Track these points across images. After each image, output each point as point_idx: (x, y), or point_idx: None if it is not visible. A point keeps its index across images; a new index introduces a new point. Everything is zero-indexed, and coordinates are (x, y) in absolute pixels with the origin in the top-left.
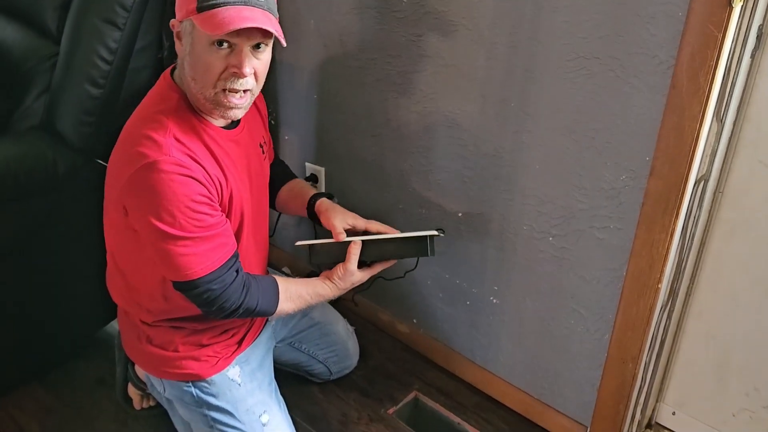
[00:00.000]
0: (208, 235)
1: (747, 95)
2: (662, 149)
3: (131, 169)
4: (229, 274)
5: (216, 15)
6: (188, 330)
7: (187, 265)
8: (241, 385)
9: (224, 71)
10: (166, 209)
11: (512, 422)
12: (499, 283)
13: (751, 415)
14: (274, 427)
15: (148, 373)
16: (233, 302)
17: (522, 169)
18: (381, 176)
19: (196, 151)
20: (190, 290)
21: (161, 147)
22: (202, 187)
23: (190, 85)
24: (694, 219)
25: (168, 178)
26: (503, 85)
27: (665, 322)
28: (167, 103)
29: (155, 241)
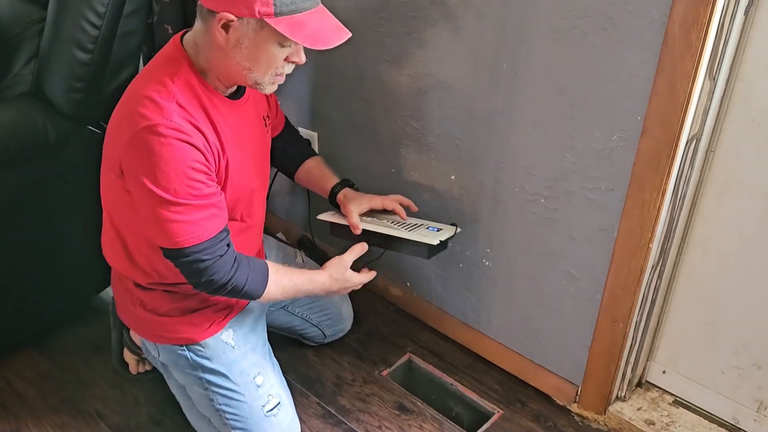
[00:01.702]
0: (202, 204)
1: (740, 53)
2: (654, 108)
3: (131, 130)
4: (220, 246)
5: (304, 24)
6: (181, 294)
7: (178, 232)
8: (234, 347)
9: (284, 61)
10: (162, 173)
11: (504, 382)
12: (491, 246)
13: (740, 373)
14: (268, 388)
15: (142, 338)
16: (222, 276)
17: (514, 131)
18: (374, 140)
19: (197, 118)
20: (178, 258)
21: (163, 110)
22: (200, 154)
23: (234, 70)
24: (686, 179)
25: (167, 142)
26: (495, 46)
27: (656, 282)
28: (174, 67)
29: (149, 204)
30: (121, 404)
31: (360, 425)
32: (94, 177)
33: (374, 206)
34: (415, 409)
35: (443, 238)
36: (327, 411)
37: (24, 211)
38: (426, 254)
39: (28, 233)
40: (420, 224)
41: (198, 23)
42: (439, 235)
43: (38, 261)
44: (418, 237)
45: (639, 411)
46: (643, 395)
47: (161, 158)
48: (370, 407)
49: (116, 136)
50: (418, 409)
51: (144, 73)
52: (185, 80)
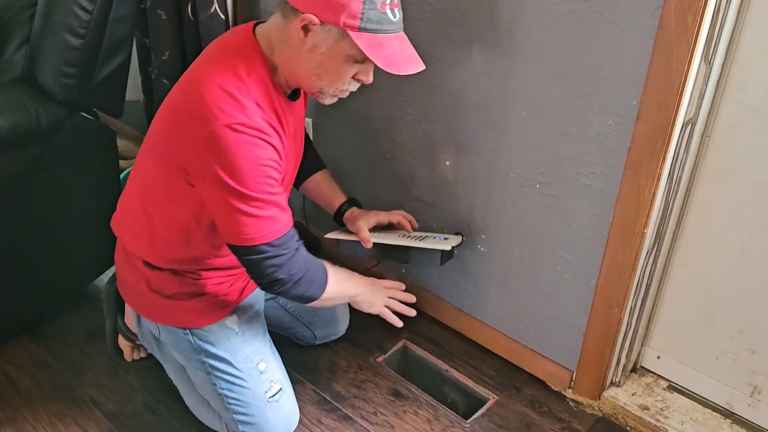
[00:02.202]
0: (275, 200)
1: (736, 37)
2: (650, 92)
3: (211, 125)
4: (294, 242)
5: (383, 46)
6: (189, 278)
7: (254, 228)
8: (238, 333)
9: (353, 77)
10: (243, 171)
11: (500, 368)
12: (486, 232)
13: (734, 358)
14: (270, 374)
15: (143, 317)
16: (290, 274)
17: (509, 116)
18: (369, 127)
19: (272, 119)
20: (251, 255)
21: (245, 109)
22: (276, 153)
23: (303, 75)
24: (681, 163)
25: (249, 140)
26: (490, 30)
27: (651, 268)
28: (249, 61)
29: (224, 200)
30: (116, 391)
31: (355, 411)
32: (87, 163)
33: (381, 221)
34: (410, 395)
35: (454, 245)
36: (322, 397)
37: (16, 199)
38: (439, 261)
39: (21, 220)
40: (426, 235)
41: (277, 18)
42: (449, 242)
43: (32, 248)
44: (430, 245)
45: (633, 396)
46: (638, 380)
47: (242, 156)
48: (365, 393)
49: (186, 128)
50: (413, 395)
51: (213, 60)
52: (260, 78)
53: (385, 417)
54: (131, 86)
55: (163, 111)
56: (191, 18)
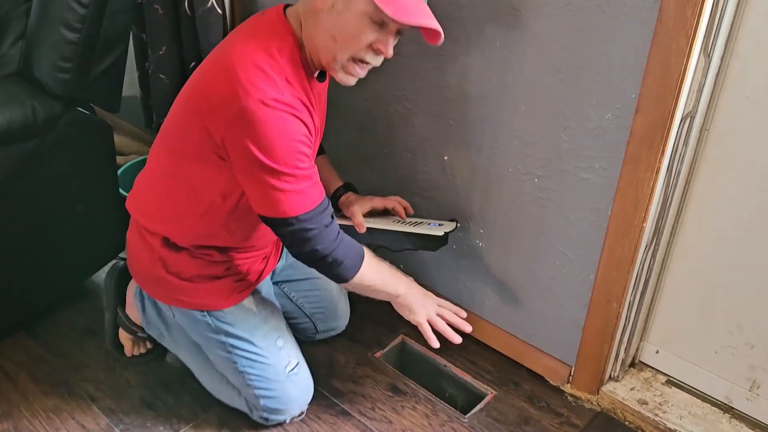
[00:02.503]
0: (306, 174)
1: (735, 29)
2: (648, 85)
3: (243, 100)
4: (325, 216)
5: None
6: (206, 261)
7: (286, 202)
8: (256, 312)
9: (369, 45)
10: (274, 145)
11: (498, 364)
12: (484, 227)
13: (733, 352)
14: (289, 350)
15: (157, 300)
16: (326, 246)
17: (507, 110)
18: (365, 121)
19: (302, 95)
20: (284, 227)
21: (277, 85)
22: (306, 129)
23: (321, 40)
24: (680, 157)
25: (281, 116)
26: (488, 24)
27: (649, 262)
28: (283, 42)
29: (256, 174)
30: (113, 387)
31: (353, 407)
32: (83, 158)
33: (375, 206)
34: (408, 390)
35: (447, 230)
36: (320, 393)
37: (13, 194)
38: (433, 246)
39: (18, 216)
40: (421, 221)
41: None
42: (443, 228)
43: (29, 244)
44: (423, 230)
45: (632, 391)
46: (636, 375)
47: (273, 130)
48: (363, 389)
49: (218, 103)
50: (411, 390)
51: (244, 37)
52: (291, 56)
53: (383, 412)
54: (128, 81)
55: (191, 88)
56: (188, 13)
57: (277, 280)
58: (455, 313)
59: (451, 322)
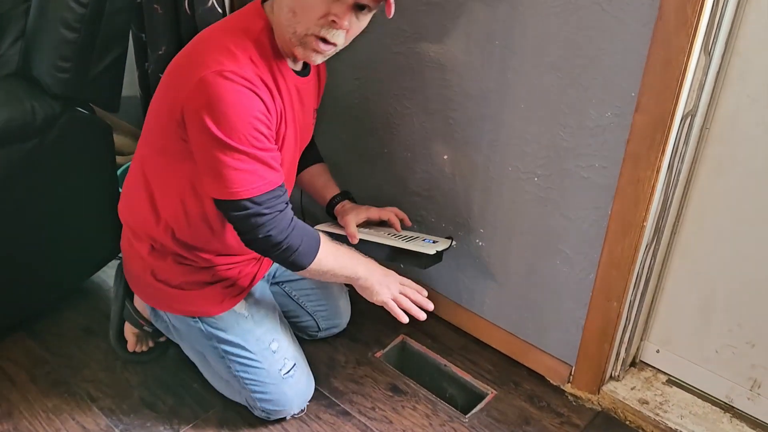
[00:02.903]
0: (262, 156)
1: (736, 27)
2: (648, 84)
3: (202, 71)
4: (279, 202)
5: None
6: (192, 267)
7: (237, 181)
8: (248, 317)
9: (323, 17)
10: (227, 118)
11: (498, 363)
12: (484, 226)
13: (734, 351)
14: (283, 352)
15: (152, 306)
16: (279, 231)
17: (507, 109)
18: (365, 120)
19: (266, 77)
20: (236, 211)
21: (237, 60)
22: (265, 108)
23: (284, 17)
24: (681, 155)
25: (238, 88)
26: (487, 22)
27: (650, 261)
28: (253, 28)
29: (209, 149)
30: (113, 387)
31: (353, 407)
32: (83, 158)
33: (371, 216)
34: (408, 390)
35: (439, 249)
36: (320, 393)
37: (12, 194)
38: (423, 265)
39: (17, 215)
40: (416, 236)
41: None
42: (435, 246)
43: (29, 243)
44: (415, 247)
45: (633, 390)
46: (637, 375)
47: (229, 103)
48: (364, 389)
49: (180, 79)
50: (411, 390)
51: (220, 25)
52: (260, 42)
53: (383, 412)
54: (128, 81)
55: (165, 76)
56: (188, 12)
57: (278, 280)
58: (417, 291)
59: (414, 300)
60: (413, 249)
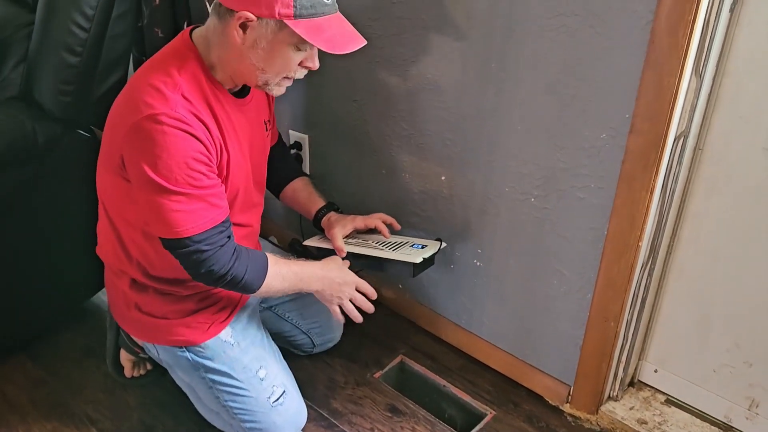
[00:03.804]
0: (202, 194)
1: (726, 50)
2: (642, 106)
3: (134, 117)
4: (221, 237)
5: (322, 29)
6: (175, 296)
7: (178, 222)
8: (234, 344)
9: (300, 65)
10: (163, 162)
11: (497, 383)
12: (482, 246)
13: (732, 371)
14: (272, 379)
15: (139, 339)
16: (221, 267)
17: (503, 130)
18: (364, 142)
19: (201, 111)
20: (178, 249)
21: (168, 101)
22: (202, 146)
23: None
24: (674, 176)
25: (170, 131)
26: (483, 45)
27: (646, 281)
28: (182, 60)
29: (149, 193)
30: (112, 409)
31: (352, 428)
32: (83, 180)
33: (357, 227)
34: (407, 411)
35: (427, 255)
36: (319, 414)
37: (13, 215)
38: (411, 273)
39: (18, 237)
40: (405, 242)
41: (213, 20)
42: (423, 252)
43: (29, 265)
44: (401, 256)
45: (631, 410)
46: (636, 394)
47: (163, 147)
48: (363, 410)
49: (118, 124)
50: (410, 410)
51: (149, 63)
52: (192, 73)
53: None
54: None
55: (110, 112)
56: None
57: (269, 304)
58: (366, 293)
59: (359, 304)
60: (400, 259)
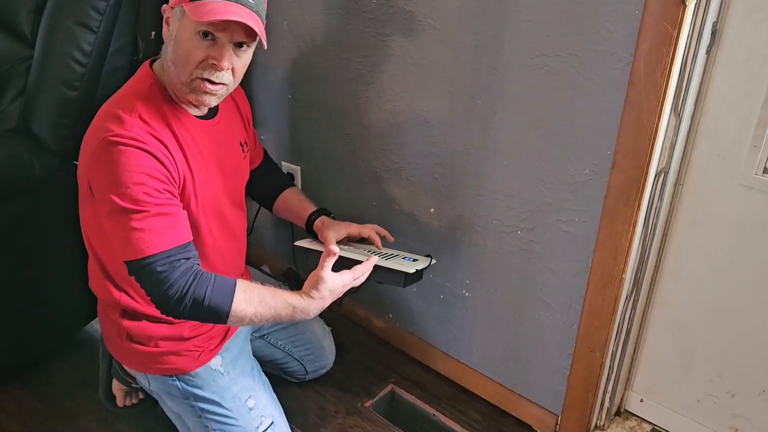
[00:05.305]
0: (160, 212)
1: (703, 90)
2: (622, 143)
3: (94, 143)
4: (178, 260)
5: (205, 5)
6: (166, 324)
7: (137, 241)
8: (224, 374)
9: (203, 61)
10: (119, 180)
11: (486, 413)
12: (470, 277)
13: (715, 401)
14: (261, 409)
15: (131, 369)
16: (179, 288)
17: (490, 165)
18: (355, 174)
19: (159, 131)
20: (136, 271)
21: (123, 123)
22: (157, 163)
23: (170, 70)
24: (656, 210)
25: (125, 150)
26: (470, 82)
27: (630, 312)
28: (141, 87)
29: (109, 215)
30: None
31: None
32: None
33: (351, 233)
34: None
35: (419, 267)
36: None
37: (9, 246)
38: (402, 282)
39: (14, 267)
40: (396, 254)
41: None
42: (415, 264)
43: (24, 295)
44: (394, 265)
45: None
46: (622, 424)
47: (118, 166)
48: None
49: (84, 153)
50: None
51: (113, 96)
52: (149, 97)
53: None
54: None
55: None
56: None
57: (261, 333)
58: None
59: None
60: (392, 267)
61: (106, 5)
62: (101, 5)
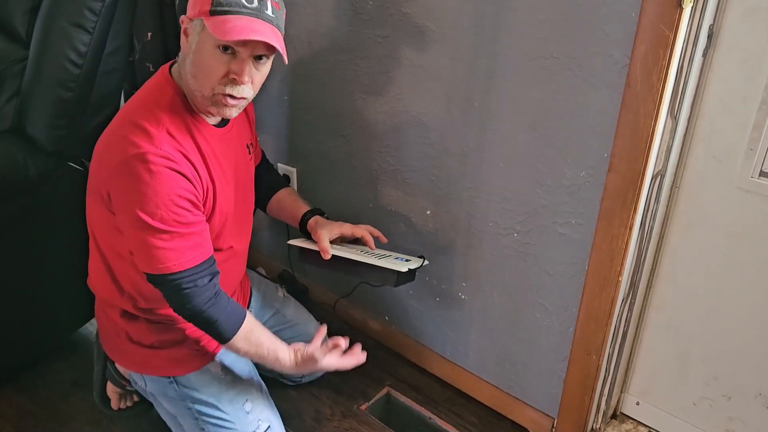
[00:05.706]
0: (187, 232)
1: (700, 92)
2: (619, 146)
3: (121, 156)
4: (203, 276)
5: (227, 21)
6: (165, 325)
7: (163, 259)
8: (222, 377)
9: (224, 76)
10: (150, 200)
11: (482, 416)
12: (466, 280)
13: (711, 404)
14: (258, 413)
15: (128, 370)
16: (198, 305)
17: (486, 167)
18: (351, 176)
19: (186, 147)
20: (161, 284)
21: (153, 139)
22: (188, 183)
23: (189, 81)
24: (652, 213)
25: (156, 170)
26: (467, 85)
27: (627, 315)
28: (163, 97)
29: (135, 230)
30: None
31: None
32: (75, 212)
33: (345, 233)
34: None
35: (411, 267)
36: None
37: (4, 248)
38: (394, 282)
39: (9, 269)
40: (389, 254)
41: None
42: (408, 264)
43: (18, 296)
44: (387, 264)
45: None
46: (618, 427)
47: (149, 186)
48: None
49: (104, 161)
50: None
51: (133, 100)
52: (173, 107)
53: None
54: None
55: (96, 146)
56: None
57: None
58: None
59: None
60: (385, 266)
61: (101, 6)
62: (96, 6)
